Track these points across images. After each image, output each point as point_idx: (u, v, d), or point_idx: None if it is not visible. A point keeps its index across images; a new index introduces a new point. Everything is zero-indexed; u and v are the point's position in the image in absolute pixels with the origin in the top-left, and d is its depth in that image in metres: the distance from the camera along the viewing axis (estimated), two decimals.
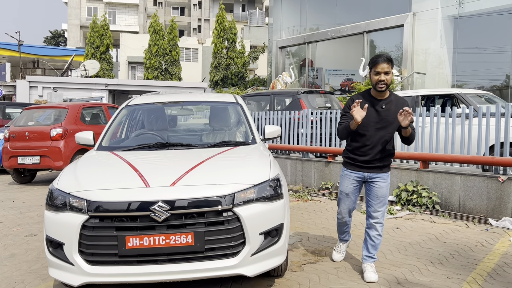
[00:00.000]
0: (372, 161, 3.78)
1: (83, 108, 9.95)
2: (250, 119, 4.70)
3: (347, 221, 4.11)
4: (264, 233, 3.25)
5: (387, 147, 3.77)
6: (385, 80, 3.59)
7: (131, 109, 5.02)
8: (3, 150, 9.40)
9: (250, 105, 11.67)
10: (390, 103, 3.72)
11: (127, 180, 3.31)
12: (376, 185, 3.81)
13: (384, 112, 3.70)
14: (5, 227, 5.86)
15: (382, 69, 3.60)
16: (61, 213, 3.20)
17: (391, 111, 3.68)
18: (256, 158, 3.85)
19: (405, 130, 3.60)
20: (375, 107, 3.71)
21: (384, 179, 3.82)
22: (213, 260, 3.12)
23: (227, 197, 3.14)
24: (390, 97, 3.74)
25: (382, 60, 3.60)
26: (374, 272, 3.81)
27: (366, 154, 3.77)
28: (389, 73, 3.61)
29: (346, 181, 3.94)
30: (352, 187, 3.93)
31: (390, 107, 3.70)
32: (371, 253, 3.87)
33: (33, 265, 4.36)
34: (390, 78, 3.63)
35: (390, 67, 3.61)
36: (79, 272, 3.10)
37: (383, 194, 3.83)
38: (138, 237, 3.02)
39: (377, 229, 3.85)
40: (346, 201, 4.00)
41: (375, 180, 3.82)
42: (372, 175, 3.81)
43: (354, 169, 3.88)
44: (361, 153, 3.80)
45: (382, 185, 3.81)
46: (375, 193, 3.83)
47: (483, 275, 3.91)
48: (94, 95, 22.52)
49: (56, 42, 64.78)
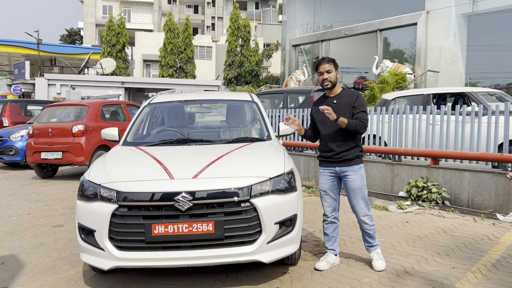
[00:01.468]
0: (338, 154, 3.96)
1: (103, 106, 10.30)
2: (265, 116, 4.95)
3: (332, 221, 4.10)
4: (279, 222, 3.50)
5: (349, 139, 3.95)
6: (328, 78, 3.94)
7: (153, 107, 5.31)
8: (27, 146, 9.79)
9: (264, 103, 11.91)
10: (341, 97, 4.01)
11: (153, 172, 3.58)
12: (349, 178, 3.96)
13: (336, 106, 3.95)
14: (33, 218, 6.19)
15: (323, 68, 3.95)
16: (92, 202, 3.48)
17: (341, 104, 3.97)
18: (271, 153, 4.10)
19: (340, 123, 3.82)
20: (328, 104, 3.96)
21: (355, 171, 3.96)
22: (232, 247, 3.37)
23: (244, 189, 3.39)
24: (342, 93, 4.04)
25: (323, 61, 3.97)
26: (381, 259, 4.03)
27: (330, 149, 4.00)
28: (330, 71, 3.94)
29: (322, 178, 4.12)
30: (328, 184, 4.06)
31: (340, 101, 3.99)
32: (370, 243, 4.07)
33: (62, 253, 4.66)
34: (334, 76, 3.96)
35: (331, 66, 3.95)
36: (109, 257, 3.39)
37: (357, 186, 3.95)
38: (163, 225, 3.28)
39: (366, 221, 4.00)
40: (326, 198, 4.11)
41: (347, 174, 3.97)
42: (343, 169, 3.98)
43: (326, 165, 4.07)
44: (326, 148, 4.04)
45: (355, 178, 3.95)
46: (350, 186, 3.97)
47: (487, 265, 4.11)
48: (111, 92, 22.97)
49: (72, 40, 65.70)
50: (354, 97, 3.98)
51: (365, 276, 3.86)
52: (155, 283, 3.76)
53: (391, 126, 7.72)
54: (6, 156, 11.29)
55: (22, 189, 8.59)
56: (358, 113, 3.92)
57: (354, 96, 3.99)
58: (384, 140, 7.93)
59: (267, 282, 3.75)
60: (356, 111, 3.93)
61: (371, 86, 14.82)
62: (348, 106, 3.95)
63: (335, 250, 4.15)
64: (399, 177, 7.33)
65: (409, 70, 15.60)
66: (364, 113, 3.93)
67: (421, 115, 7.28)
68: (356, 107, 3.94)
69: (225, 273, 3.93)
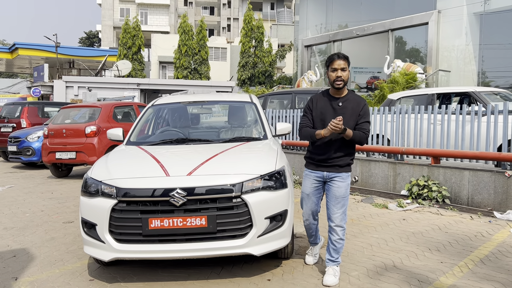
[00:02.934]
0: (330, 160, 3.76)
1: (115, 107, 10.62)
2: (263, 116, 5.14)
3: (311, 223, 4.03)
4: (270, 217, 3.69)
5: (345, 145, 3.74)
6: (342, 76, 3.64)
7: (157, 108, 5.55)
8: (43, 146, 10.16)
9: (273, 103, 12.10)
10: (347, 101, 3.75)
11: (150, 170, 3.81)
12: (335, 185, 3.77)
13: (341, 110, 3.71)
14: (45, 215, 6.49)
15: (338, 65, 3.64)
16: (94, 198, 3.73)
17: (347, 109, 3.71)
18: (264, 151, 4.30)
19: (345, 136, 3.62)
20: (332, 105, 3.75)
21: (343, 179, 3.77)
22: (224, 240, 3.58)
23: (236, 186, 3.59)
24: (348, 96, 3.78)
25: (338, 57, 3.66)
26: (334, 275, 3.73)
27: (324, 152, 3.77)
28: (345, 69, 3.64)
29: (306, 181, 3.93)
30: (313, 187, 3.89)
31: (346, 105, 3.73)
32: (333, 257, 3.82)
33: (70, 247, 4.93)
34: (347, 75, 3.66)
35: (346, 64, 3.65)
36: (109, 249, 3.62)
37: (341, 194, 3.76)
38: (159, 219, 3.50)
39: (338, 233, 3.76)
40: (307, 202, 3.95)
41: (334, 180, 3.78)
42: (331, 175, 3.78)
43: (314, 169, 3.87)
44: (319, 151, 3.80)
45: (341, 185, 3.76)
46: (333, 193, 3.77)
47: (475, 260, 4.23)
48: (126, 94, 23.41)
49: (91, 42, 66.87)
50: (361, 104, 3.74)
51: (354, 270, 4.03)
52: (154, 274, 3.99)
53: (394, 125, 7.83)
54: (24, 156, 11.70)
55: (37, 188, 8.94)
56: (363, 123, 3.72)
57: (361, 104, 3.74)
58: (387, 138, 8.03)
59: (259, 274, 3.94)
60: (361, 120, 3.72)
61: (381, 86, 14.88)
62: (354, 112, 3.71)
63: (317, 242, 4.25)
64: (401, 176, 7.44)
65: (420, 69, 15.60)
66: (368, 124, 3.74)
67: (423, 114, 7.37)
68: (362, 116, 3.72)
69: (221, 266, 4.13)
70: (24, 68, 42.89)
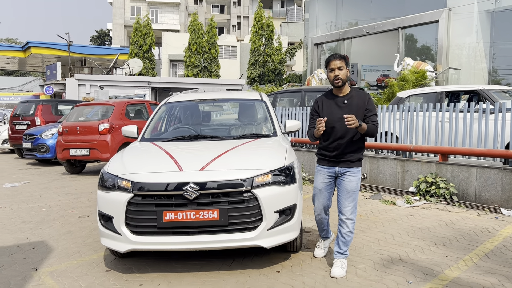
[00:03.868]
0: (342, 155, 3.91)
1: (127, 105, 10.82)
2: (273, 114, 5.28)
3: (323, 218, 4.15)
4: (279, 211, 3.83)
5: (355, 141, 3.90)
6: (339, 75, 3.80)
7: (169, 106, 5.72)
8: (57, 143, 10.40)
9: (283, 101, 12.21)
10: (351, 98, 3.90)
11: (164, 165, 3.97)
12: (346, 179, 3.91)
13: (347, 107, 3.86)
14: (61, 210, 6.69)
15: (335, 65, 3.82)
16: (111, 192, 3.89)
17: (353, 105, 3.87)
18: (274, 148, 4.43)
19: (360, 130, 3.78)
20: (337, 104, 3.91)
21: (355, 174, 3.92)
22: (235, 233, 3.72)
23: (247, 180, 3.73)
24: (351, 93, 3.93)
25: (334, 58, 3.84)
26: (341, 268, 3.87)
27: (335, 149, 3.91)
28: (342, 68, 3.81)
29: (319, 176, 4.06)
30: (325, 183, 4.02)
31: (351, 102, 3.89)
32: (341, 249, 3.95)
33: (86, 240, 5.11)
34: (345, 74, 3.82)
35: (343, 63, 3.82)
36: (125, 241, 3.79)
37: (353, 188, 3.90)
38: (173, 212, 3.66)
39: (348, 226, 3.90)
40: (319, 197, 4.06)
41: (346, 174, 3.92)
42: (343, 170, 3.93)
43: (326, 165, 4.01)
44: (330, 148, 3.94)
45: (352, 179, 3.91)
46: (345, 186, 3.91)
47: (480, 255, 4.33)
48: (138, 92, 23.66)
49: (102, 41, 67.42)
50: (366, 99, 3.90)
51: (361, 263, 4.15)
52: (168, 266, 4.15)
53: (402, 123, 7.91)
54: (38, 153, 11.97)
55: (52, 184, 9.17)
56: (371, 116, 3.87)
57: (366, 98, 3.90)
58: (396, 135, 8.12)
59: (269, 266, 4.08)
60: (370, 114, 3.87)
61: (390, 84, 14.91)
62: (360, 108, 3.86)
63: (328, 237, 4.40)
64: (409, 173, 7.53)
65: (430, 67, 15.58)
66: (376, 116, 3.90)
67: (431, 112, 7.45)
68: (369, 110, 3.87)
69: (232, 258, 4.28)
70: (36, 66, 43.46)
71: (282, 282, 3.73)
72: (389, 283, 3.66)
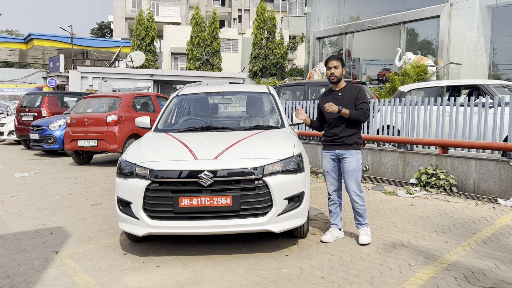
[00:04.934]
0: (340, 139, 4.53)
1: (134, 97, 11.03)
2: (280, 106, 5.50)
3: (335, 199, 4.66)
4: (288, 198, 4.06)
5: (349, 127, 4.52)
6: (334, 73, 4.52)
7: (180, 98, 5.93)
8: (65, 134, 10.62)
9: (286, 94, 12.41)
10: (345, 91, 4.61)
11: (180, 154, 4.19)
12: (346, 160, 4.52)
13: (340, 98, 4.56)
14: (74, 198, 6.92)
15: (332, 64, 4.53)
16: (129, 179, 4.11)
17: (346, 97, 4.56)
18: (283, 138, 4.65)
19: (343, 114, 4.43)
20: (333, 97, 4.61)
21: (353, 155, 4.52)
22: (247, 218, 3.95)
23: (258, 169, 3.96)
24: (346, 87, 4.63)
25: (332, 58, 4.56)
26: (366, 235, 4.53)
27: (334, 133, 4.57)
28: (337, 67, 4.52)
29: (324, 160, 4.71)
30: (330, 165, 4.64)
31: (345, 94, 4.58)
32: (360, 220, 4.59)
33: (101, 226, 5.34)
34: (339, 72, 4.53)
35: (339, 63, 4.53)
36: (143, 225, 4.02)
37: (353, 168, 4.50)
38: (188, 198, 3.88)
39: (357, 200, 4.52)
40: (328, 178, 4.69)
41: (345, 156, 4.53)
42: (342, 152, 4.54)
43: (328, 149, 4.65)
44: (329, 134, 4.63)
45: (351, 160, 4.50)
46: (346, 167, 4.52)
47: (478, 241, 4.56)
48: (141, 85, 23.85)
49: (103, 33, 67.41)
50: (357, 90, 4.57)
51: (365, 247, 4.39)
52: (181, 249, 4.38)
53: (404, 117, 8.13)
54: (46, 144, 12.19)
55: (61, 174, 9.39)
56: (360, 104, 4.50)
57: (357, 90, 4.57)
58: (398, 129, 8.34)
59: (278, 250, 4.31)
60: (358, 102, 4.51)
61: (392, 78, 15.09)
62: (352, 98, 4.53)
63: (337, 224, 4.70)
64: (410, 165, 7.76)
65: (432, 62, 15.75)
66: (365, 104, 4.51)
67: (432, 106, 7.66)
68: (358, 99, 4.52)
69: (242, 242, 4.51)
70: (37, 58, 43.57)
71: (291, 264, 3.96)
72: (391, 265, 3.90)
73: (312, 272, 3.78)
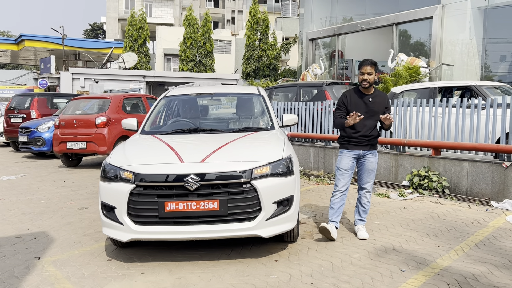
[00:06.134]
0: (364, 141, 4.70)
1: (124, 99, 10.88)
2: (270, 108, 5.39)
3: (341, 198, 4.75)
4: (277, 202, 3.95)
5: (374, 129, 4.72)
6: (367, 79, 4.56)
7: (168, 99, 5.81)
8: (54, 136, 10.46)
9: (278, 96, 12.31)
10: (375, 97, 4.71)
11: (166, 157, 4.07)
12: (368, 160, 4.74)
13: (371, 104, 4.67)
14: (60, 202, 6.78)
15: (365, 70, 4.56)
16: (113, 183, 3.99)
17: (376, 103, 4.68)
18: (272, 141, 4.55)
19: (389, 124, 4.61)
20: (363, 100, 4.68)
21: (374, 155, 4.78)
22: (234, 223, 3.84)
23: (246, 172, 3.85)
24: (375, 92, 4.73)
25: (366, 64, 4.59)
26: (365, 231, 4.76)
27: (361, 134, 4.67)
28: (371, 73, 4.56)
29: (345, 158, 4.75)
30: (350, 164, 4.73)
31: (375, 100, 4.69)
32: (362, 217, 4.86)
33: (86, 231, 5.21)
34: (372, 78, 4.57)
35: (372, 69, 4.57)
36: (127, 230, 3.89)
37: (373, 167, 4.78)
38: (174, 202, 3.77)
39: (367, 197, 4.82)
40: (345, 176, 4.73)
41: (367, 156, 4.74)
42: (365, 152, 4.73)
43: (352, 148, 4.72)
44: (356, 134, 4.68)
45: (373, 160, 4.76)
46: (367, 167, 4.75)
47: (471, 245, 4.48)
48: (132, 86, 23.65)
49: (95, 34, 67.05)
50: (387, 99, 4.77)
51: (356, 252, 4.29)
52: (168, 255, 4.26)
53: (396, 118, 8.05)
54: (34, 146, 12.01)
55: (49, 176, 9.23)
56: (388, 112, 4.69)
57: (387, 99, 4.77)
58: (390, 130, 8.26)
59: (267, 256, 4.21)
60: (388, 111, 4.70)
61: (384, 79, 15.05)
62: (382, 105, 4.69)
63: (336, 222, 4.71)
64: (402, 167, 7.68)
65: (424, 63, 15.72)
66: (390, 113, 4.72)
67: (424, 108, 7.59)
68: (388, 108, 4.72)
69: (231, 247, 4.40)
70: (29, 59, 43.20)
71: (280, 270, 3.85)
72: (383, 271, 3.80)
73: (301, 278, 3.68)
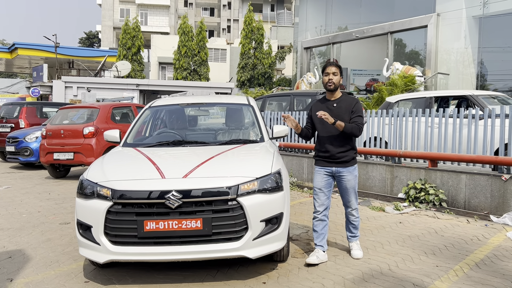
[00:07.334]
0: (335, 156, 4.27)
1: (113, 108, 10.62)
2: (260, 119, 5.14)
3: (322, 219, 4.31)
4: (265, 220, 3.69)
5: (346, 141, 4.27)
6: (332, 79, 4.25)
7: (154, 110, 5.55)
8: (41, 147, 10.16)
9: (272, 105, 12.10)
10: (340, 101, 4.33)
11: (146, 172, 3.81)
12: (344, 179, 4.30)
13: (336, 109, 4.28)
14: (42, 216, 6.49)
15: (330, 70, 4.26)
16: (90, 200, 3.72)
17: (341, 108, 4.28)
18: (261, 154, 4.30)
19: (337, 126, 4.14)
20: (328, 107, 4.32)
21: (350, 172, 4.30)
22: (219, 243, 3.57)
23: (232, 188, 3.59)
24: (341, 97, 4.36)
25: (331, 64, 4.29)
26: (359, 249, 4.48)
27: (328, 150, 4.29)
28: (336, 74, 4.26)
29: (317, 176, 4.37)
30: (324, 182, 4.33)
31: (340, 105, 4.31)
32: (354, 233, 4.52)
33: (66, 248, 4.92)
34: (338, 80, 4.27)
35: (338, 70, 4.27)
36: (105, 251, 3.62)
37: (351, 186, 4.33)
38: (154, 221, 3.50)
39: (353, 214, 4.45)
40: (320, 196, 4.32)
41: (342, 174, 4.29)
42: (339, 169, 4.29)
43: (323, 165, 4.35)
44: (323, 149, 4.32)
45: (349, 178, 4.30)
46: (344, 185, 4.33)
47: (471, 264, 4.23)
48: (126, 95, 23.40)
49: (91, 43, 66.85)
50: (354, 102, 4.32)
51: (349, 273, 4.03)
52: (149, 277, 3.98)
53: (391, 128, 7.84)
54: (22, 157, 11.70)
55: (34, 188, 8.93)
56: (355, 117, 4.25)
57: (354, 102, 4.33)
58: (385, 141, 8.04)
59: (255, 277, 3.94)
60: (354, 115, 4.25)
61: (379, 88, 14.89)
62: (347, 110, 4.28)
63: (323, 246, 4.34)
64: (398, 179, 7.45)
65: (419, 72, 15.61)
66: (360, 118, 4.26)
67: (420, 118, 7.38)
68: (354, 112, 4.27)
69: (216, 268, 4.13)
70: (23, 68, 42.86)
71: None
72: None
73: None
